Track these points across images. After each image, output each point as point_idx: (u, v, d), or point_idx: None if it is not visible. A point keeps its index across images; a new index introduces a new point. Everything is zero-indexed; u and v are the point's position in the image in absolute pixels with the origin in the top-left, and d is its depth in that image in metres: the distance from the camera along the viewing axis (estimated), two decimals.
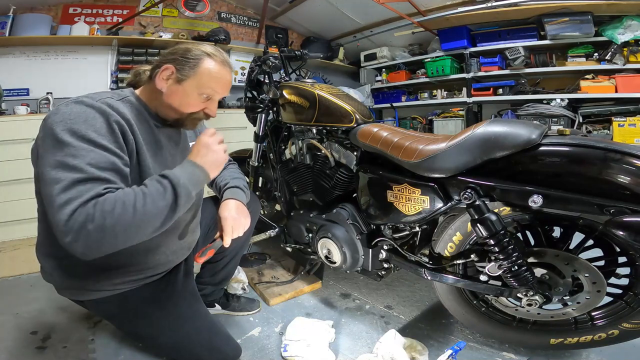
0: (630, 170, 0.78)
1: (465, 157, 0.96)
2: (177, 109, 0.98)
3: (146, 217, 0.78)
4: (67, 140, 0.78)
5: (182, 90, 0.96)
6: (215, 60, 0.98)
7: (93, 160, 0.78)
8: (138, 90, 1.03)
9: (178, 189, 0.83)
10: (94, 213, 0.73)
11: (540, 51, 2.98)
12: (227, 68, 1.02)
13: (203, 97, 0.98)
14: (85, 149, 0.79)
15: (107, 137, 0.83)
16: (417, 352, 1.10)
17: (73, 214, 0.72)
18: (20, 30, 2.62)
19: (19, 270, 1.82)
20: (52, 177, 0.76)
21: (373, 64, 4.00)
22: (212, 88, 0.98)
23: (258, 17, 3.81)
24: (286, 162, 1.61)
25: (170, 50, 0.99)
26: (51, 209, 0.75)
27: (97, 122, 0.83)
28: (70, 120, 0.81)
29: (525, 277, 0.96)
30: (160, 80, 0.96)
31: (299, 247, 1.58)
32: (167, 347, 1.08)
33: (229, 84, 1.03)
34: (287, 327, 1.23)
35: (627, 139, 2.40)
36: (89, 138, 0.80)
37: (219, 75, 0.99)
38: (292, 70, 1.69)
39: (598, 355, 1.10)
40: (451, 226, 1.12)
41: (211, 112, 1.02)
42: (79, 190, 0.75)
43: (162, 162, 1.01)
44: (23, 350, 1.19)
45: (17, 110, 2.54)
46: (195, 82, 0.96)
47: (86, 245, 0.73)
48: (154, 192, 0.80)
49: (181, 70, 0.95)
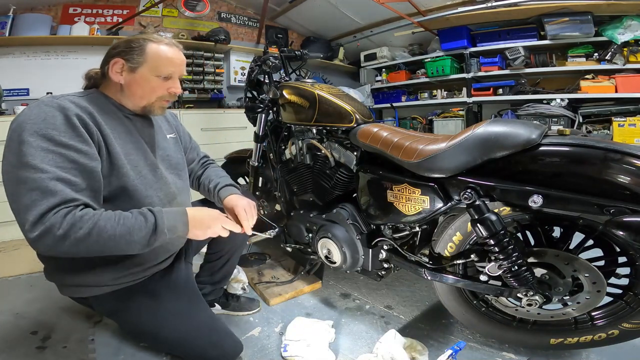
0: (630, 170, 0.77)
1: (465, 157, 0.96)
2: (142, 96, 1.01)
3: (112, 241, 0.82)
4: (27, 140, 0.81)
5: (140, 78, 0.99)
6: (158, 43, 1.00)
7: (53, 160, 0.81)
8: (101, 87, 1.05)
9: (158, 230, 0.86)
10: (62, 222, 0.77)
11: (540, 51, 2.99)
12: (175, 47, 1.03)
13: (162, 78, 1.00)
14: (46, 149, 0.81)
15: (68, 132, 0.85)
16: (417, 352, 1.10)
17: (41, 218, 0.76)
18: (20, 30, 2.62)
19: (19, 270, 1.82)
20: (16, 176, 0.80)
21: (373, 64, 4.00)
22: (167, 67, 1.00)
23: (258, 17, 3.81)
24: (286, 162, 1.61)
25: (113, 46, 1.01)
26: (16, 207, 0.79)
27: (56, 120, 0.84)
28: (31, 121, 0.83)
29: (525, 277, 0.96)
30: (115, 74, 0.98)
31: (299, 247, 1.58)
32: (169, 343, 1.08)
33: (183, 62, 1.05)
34: (287, 327, 1.23)
35: (627, 139, 2.40)
36: (50, 137, 0.82)
37: (169, 54, 1.01)
38: (292, 70, 1.69)
39: (598, 355, 1.10)
40: (451, 226, 1.12)
41: (176, 89, 1.04)
42: (44, 192, 0.78)
43: (139, 148, 1.03)
44: (23, 350, 1.18)
45: (17, 110, 2.53)
46: (149, 66, 0.98)
47: (46, 246, 0.78)
48: (131, 223, 0.84)
49: (130, 60, 0.97)
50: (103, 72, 1.02)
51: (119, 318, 1.11)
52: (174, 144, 1.20)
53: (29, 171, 0.79)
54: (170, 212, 0.90)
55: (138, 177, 0.99)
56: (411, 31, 3.48)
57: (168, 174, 1.10)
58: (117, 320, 1.13)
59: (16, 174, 0.80)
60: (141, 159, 1.02)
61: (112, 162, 0.93)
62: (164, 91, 1.03)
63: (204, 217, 0.95)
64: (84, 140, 0.87)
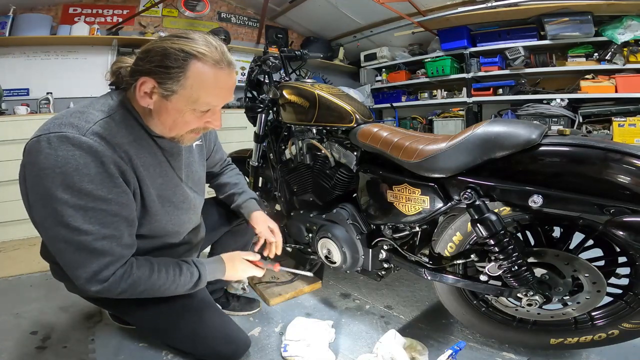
0: (630, 170, 0.77)
1: (465, 157, 0.96)
2: (172, 128, 0.82)
3: (161, 292, 0.91)
4: (61, 198, 0.71)
5: (172, 108, 0.78)
6: (205, 63, 0.75)
7: (95, 218, 0.76)
8: (128, 94, 0.85)
9: (200, 283, 0.96)
10: (120, 283, 0.82)
11: (540, 51, 2.98)
12: (225, 68, 0.78)
13: (200, 112, 0.81)
14: (84, 207, 0.74)
15: (106, 184, 0.75)
16: (417, 352, 1.10)
17: (95, 275, 0.78)
18: (20, 30, 2.62)
19: (19, 270, 1.82)
20: (56, 234, 0.76)
21: (373, 64, 4.00)
22: (209, 102, 0.79)
23: (258, 17, 3.81)
24: (286, 162, 1.61)
25: (145, 54, 0.76)
26: (62, 261, 0.80)
27: (90, 170, 0.72)
28: (60, 170, 0.70)
29: (525, 277, 0.96)
30: (142, 96, 0.78)
31: (299, 247, 1.58)
32: (183, 340, 1.07)
33: (231, 89, 0.82)
34: (287, 327, 1.23)
35: (627, 139, 2.40)
36: (87, 192, 0.73)
37: (215, 83, 0.77)
38: (292, 70, 1.69)
39: (598, 356, 1.10)
40: (451, 226, 1.12)
41: (214, 125, 0.85)
42: (92, 253, 0.77)
43: (167, 181, 0.93)
44: (23, 350, 1.18)
45: (17, 110, 2.54)
46: (186, 96, 0.76)
47: (102, 296, 0.83)
48: (180, 280, 0.92)
49: (163, 84, 0.75)
50: (130, 83, 0.82)
51: (132, 315, 1.08)
52: (199, 154, 1.10)
53: (72, 233, 0.74)
54: (211, 264, 1.01)
55: (164, 208, 0.94)
56: (411, 31, 3.48)
57: (190, 192, 1.05)
58: (128, 317, 1.11)
59: (56, 231, 0.74)
60: (169, 191, 0.94)
61: (144, 205, 0.88)
62: (199, 124, 0.83)
63: (237, 267, 1.05)
64: (123, 191, 0.78)
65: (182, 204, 0.99)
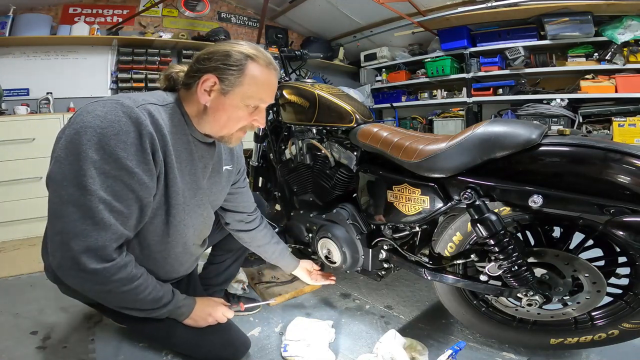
0: (630, 170, 0.77)
1: (465, 157, 0.96)
2: (225, 125, 0.90)
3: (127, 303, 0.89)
4: (91, 157, 0.74)
5: (229, 104, 0.87)
6: (259, 64, 0.87)
7: (111, 188, 0.76)
8: (181, 96, 0.92)
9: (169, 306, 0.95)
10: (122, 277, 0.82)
11: (540, 51, 2.98)
12: (273, 70, 0.90)
13: (251, 108, 0.89)
14: (107, 172, 0.75)
15: (137, 157, 0.78)
16: (417, 352, 1.10)
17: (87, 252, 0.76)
18: (20, 30, 2.63)
19: (19, 270, 1.82)
20: (67, 193, 0.75)
21: (373, 64, 4.00)
22: (261, 97, 0.89)
23: (258, 17, 3.81)
24: (286, 162, 1.61)
25: (207, 55, 0.87)
26: (60, 226, 0.76)
27: (129, 137, 0.76)
28: (101, 131, 0.74)
29: (525, 277, 0.96)
30: (203, 93, 0.86)
31: (299, 247, 1.58)
32: (183, 343, 1.06)
33: (275, 88, 0.94)
34: (287, 327, 1.23)
35: (627, 139, 2.40)
36: (116, 157, 0.75)
37: (266, 81, 0.88)
38: (292, 70, 1.69)
39: (598, 356, 1.10)
40: (451, 226, 1.12)
41: (260, 122, 0.93)
42: (96, 224, 0.76)
43: (194, 181, 0.95)
44: (23, 350, 1.18)
45: (17, 110, 2.54)
46: (242, 92, 0.86)
47: (78, 279, 0.79)
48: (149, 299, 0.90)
49: (224, 80, 0.85)
50: (187, 82, 0.89)
51: (131, 321, 1.04)
52: (227, 177, 1.12)
53: (85, 196, 0.74)
54: (185, 303, 1.01)
55: (185, 205, 0.94)
56: (411, 31, 3.48)
57: (207, 202, 1.05)
58: (127, 323, 1.09)
59: (70, 192, 0.75)
60: (192, 191, 0.96)
61: (167, 193, 0.89)
62: (247, 122, 0.91)
63: (206, 316, 1.04)
64: (149, 169, 0.80)
65: (197, 208, 1.00)
